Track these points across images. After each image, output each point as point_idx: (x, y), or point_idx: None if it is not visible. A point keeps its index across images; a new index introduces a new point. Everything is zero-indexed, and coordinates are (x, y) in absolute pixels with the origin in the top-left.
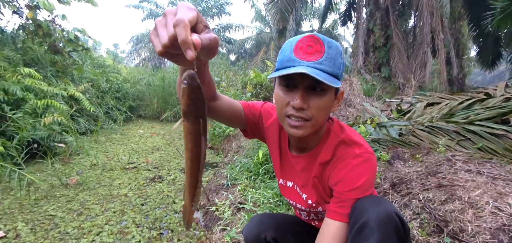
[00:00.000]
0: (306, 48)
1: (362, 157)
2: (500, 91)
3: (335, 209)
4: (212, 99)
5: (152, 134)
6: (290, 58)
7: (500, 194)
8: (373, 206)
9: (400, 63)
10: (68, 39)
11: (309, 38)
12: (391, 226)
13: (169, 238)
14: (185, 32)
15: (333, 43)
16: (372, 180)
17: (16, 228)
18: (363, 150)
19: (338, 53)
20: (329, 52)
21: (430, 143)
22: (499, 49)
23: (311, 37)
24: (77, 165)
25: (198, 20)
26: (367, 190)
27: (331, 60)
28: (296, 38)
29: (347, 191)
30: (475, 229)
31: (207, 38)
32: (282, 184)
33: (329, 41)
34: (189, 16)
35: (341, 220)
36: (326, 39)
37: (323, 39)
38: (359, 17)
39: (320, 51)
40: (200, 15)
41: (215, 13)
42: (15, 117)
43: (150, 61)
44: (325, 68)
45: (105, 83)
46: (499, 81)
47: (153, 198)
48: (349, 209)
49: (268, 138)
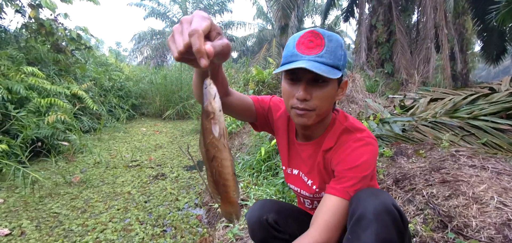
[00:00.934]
0: (308, 42)
1: (363, 141)
2: (505, 85)
3: (333, 185)
4: (225, 95)
5: (155, 132)
6: (293, 53)
7: (505, 189)
8: (371, 198)
9: (403, 59)
10: (70, 37)
11: (310, 34)
12: (389, 218)
13: (172, 235)
14: (199, 42)
15: (334, 36)
16: (371, 162)
17: (21, 225)
18: (365, 135)
19: (338, 46)
20: (330, 45)
21: (433, 139)
22: (504, 43)
23: (312, 32)
24: (80, 163)
25: (212, 28)
26: (366, 170)
27: (332, 53)
28: (299, 33)
29: (346, 170)
30: (479, 224)
31: (220, 45)
32: (288, 172)
33: (329, 35)
34: (203, 25)
35: (338, 195)
36: (327, 33)
37: (323, 33)
38: (361, 13)
39: (320, 44)
40: (213, 22)
41: (217, 11)
42: (19, 115)
43: (152, 59)
44: (325, 60)
45: (107, 81)
46: (504, 76)
47: (156, 196)
48: (347, 185)
49: (278, 129)
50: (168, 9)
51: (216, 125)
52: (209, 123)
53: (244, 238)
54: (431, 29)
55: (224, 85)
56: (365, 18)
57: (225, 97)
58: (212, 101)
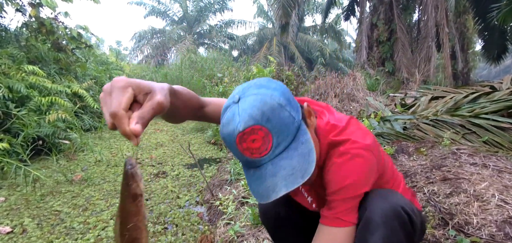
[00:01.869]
0: (251, 142)
1: (348, 154)
2: (506, 84)
3: (325, 212)
4: (198, 108)
5: (155, 130)
6: (247, 160)
7: (506, 187)
8: (379, 200)
9: (404, 57)
10: (71, 36)
11: (245, 135)
12: (397, 221)
13: (174, 232)
14: (122, 125)
15: (266, 107)
16: (363, 178)
17: (22, 223)
18: (349, 146)
19: (278, 110)
20: (273, 126)
21: (434, 137)
22: (505, 42)
23: (244, 133)
24: (81, 162)
25: (137, 93)
26: (359, 189)
27: (280, 131)
28: (231, 137)
29: (333, 193)
30: (480, 222)
31: (150, 110)
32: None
33: (262, 113)
34: (123, 101)
35: (330, 225)
36: (256, 115)
37: (256, 122)
38: (362, 11)
39: (266, 135)
40: (138, 84)
41: (218, 9)
42: (20, 114)
43: (152, 58)
44: (283, 146)
45: (108, 80)
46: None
47: (157, 194)
48: (338, 211)
49: None
50: (168, 8)
51: (143, 207)
52: (135, 206)
53: (245, 235)
54: (432, 28)
55: (192, 102)
56: (366, 16)
57: (200, 110)
58: (140, 183)
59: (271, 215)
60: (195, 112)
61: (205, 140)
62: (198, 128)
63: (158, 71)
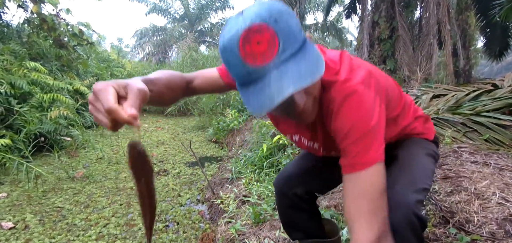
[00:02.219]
0: (255, 44)
1: (343, 92)
2: (508, 81)
3: (341, 162)
4: (184, 88)
5: (156, 128)
6: (248, 71)
7: (507, 185)
8: (390, 208)
9: (405, 55)
10: (72, 33)
11: (250, 33)
12: (409, 229)
13: (175, 230)
14: (119, 115)
15: (273, 9)
16: (365, 114)
17: (24, 219)
18: (339, 87)
19: (286, 17)
20: (280, 27)
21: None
22: (507, 39)
23: (250, 29)
24: (83, 159)
25: (117, 90)
26: (363, 128)
27: (288, 34)
28: (233, 40)
29: (341, 141)
30: (481, 220)
31: (135, 98)
32: (289, 137)
33: (270, 13)
34: (112, 98)
35: (351, 172)
36: (264, 14)
37: (262, 20)
38: (363, 9)
39: (272, 37)
40: (115, 81)
41: (219, 7)
42: (22, 110)
43: (154, 56)
44: (290, 52)
45: (110, 77)
46: (507, 72)
47: (158, 191)
48: (351, 157)
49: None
50: (169, 5)
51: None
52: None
53: (246, 234)
54: (434, 25)
55: (175, 81)
56: (367, 14)
57: (188, 87)
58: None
59: (288, 194)
60: (183, 90)
61: (206, 139)
62: (200, 126)
63: (159, 68)
